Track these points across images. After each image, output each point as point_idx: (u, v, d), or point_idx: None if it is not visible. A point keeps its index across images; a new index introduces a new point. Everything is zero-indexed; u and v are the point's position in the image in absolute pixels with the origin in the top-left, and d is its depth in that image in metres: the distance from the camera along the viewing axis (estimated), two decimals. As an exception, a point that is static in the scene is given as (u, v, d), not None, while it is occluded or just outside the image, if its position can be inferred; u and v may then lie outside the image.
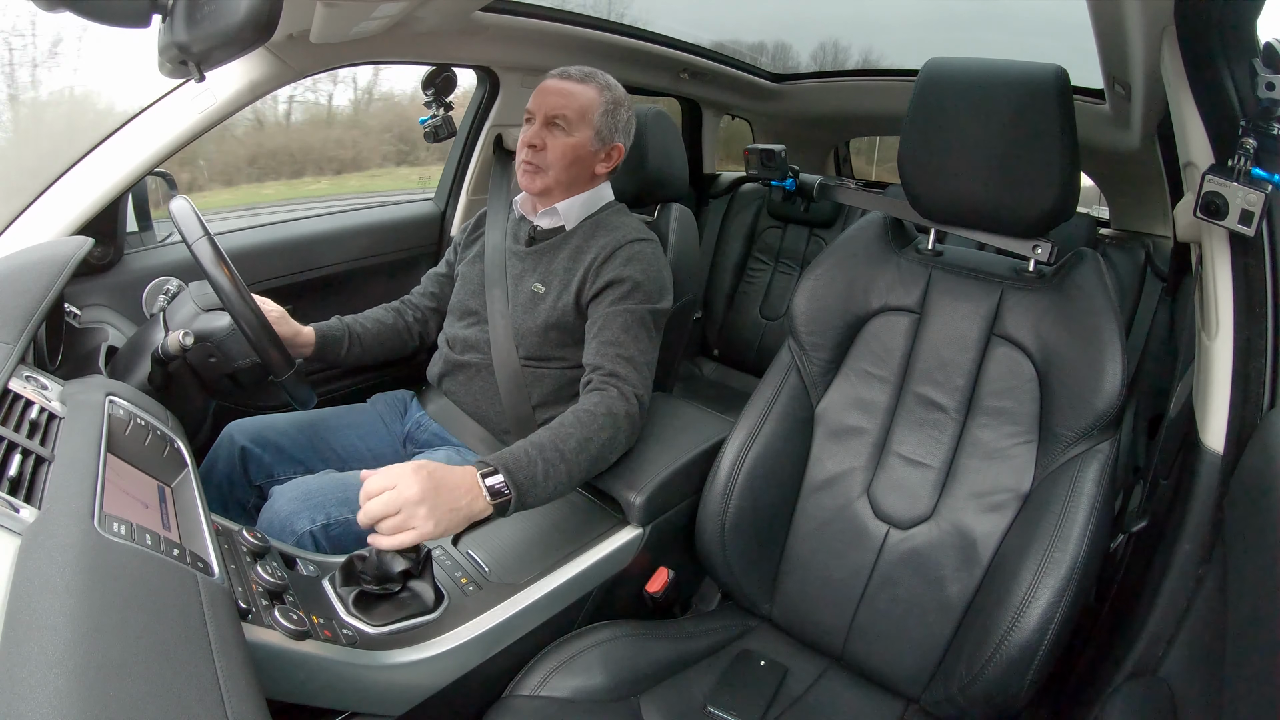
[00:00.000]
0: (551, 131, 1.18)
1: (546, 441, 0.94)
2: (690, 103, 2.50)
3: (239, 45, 0.72)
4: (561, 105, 1.17)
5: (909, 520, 1.01)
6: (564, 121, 1.18)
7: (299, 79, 1.30)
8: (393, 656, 0.79)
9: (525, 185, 1.22)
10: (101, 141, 1.18)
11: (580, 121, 1.18)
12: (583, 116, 1.18)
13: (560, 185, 1.21)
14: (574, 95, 1.18)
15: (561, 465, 0.94)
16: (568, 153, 1.18)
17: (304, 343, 1.20)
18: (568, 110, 1.17)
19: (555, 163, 1.19)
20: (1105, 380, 0.89)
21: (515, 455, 0.91)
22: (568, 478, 0.95)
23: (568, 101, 1.18)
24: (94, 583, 0.48)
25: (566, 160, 1.19)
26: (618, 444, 1.03)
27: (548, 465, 0.92)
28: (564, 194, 1.23)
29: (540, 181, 1.20)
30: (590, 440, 0.98)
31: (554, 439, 0.95)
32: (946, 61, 0.99)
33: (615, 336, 1.10)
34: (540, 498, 0.92)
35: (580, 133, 1.19)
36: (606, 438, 1.00)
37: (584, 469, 0.98)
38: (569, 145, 1.18)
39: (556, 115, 1.17)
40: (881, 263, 1.09)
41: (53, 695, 0.39)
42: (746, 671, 1.00)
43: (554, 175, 1.19)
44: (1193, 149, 0.90)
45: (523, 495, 0.89)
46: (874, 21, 3.18)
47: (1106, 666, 0.96)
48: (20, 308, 0.80)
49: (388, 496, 0.79)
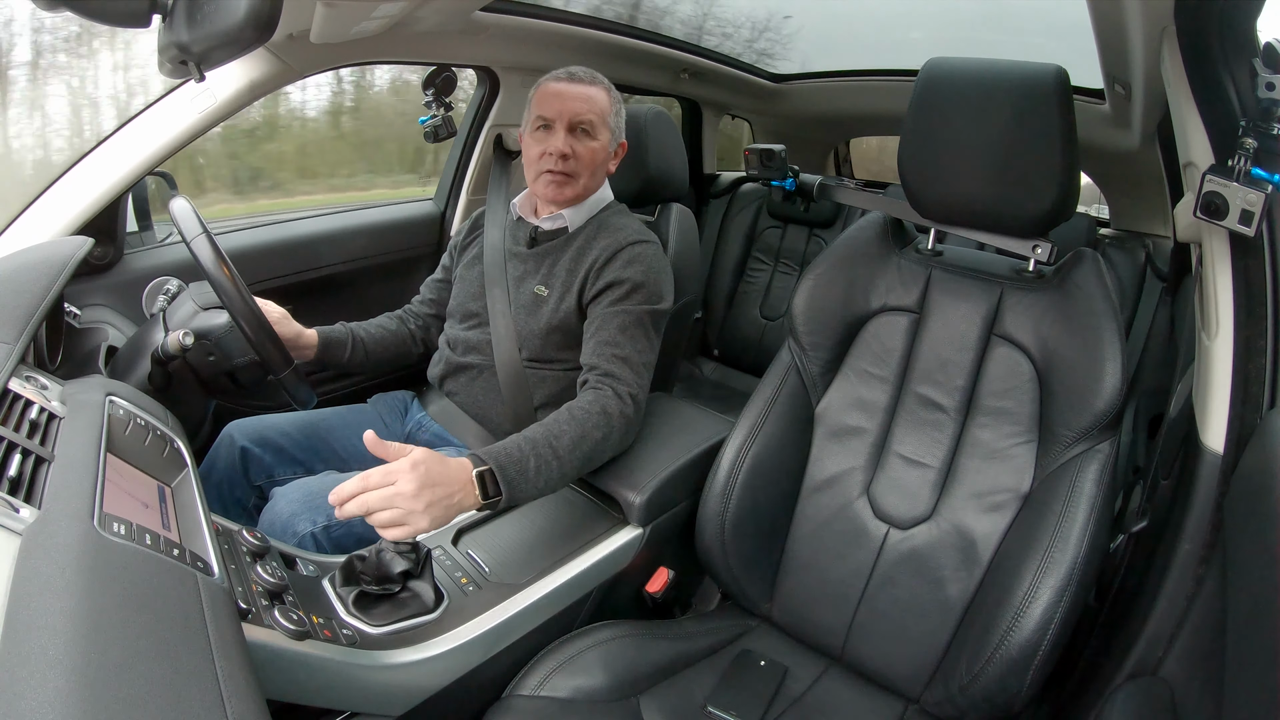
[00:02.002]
0: (579, 138, 1.18)
1: (540, 437, 0.95)
2: (690, 103, 2.50)
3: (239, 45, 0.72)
4: (585, 110, 1.17)
5: (909, 520, 1.01)
6: (590, 127, 1.17)
7: (299, 79, 1.30)
8: (393, 656, 0.79)
9: (552, 195, 1.20)
10: (101, 141, 1.18)
11: (602, 125, 1.19)
12: (603, 119, 1.19)
13: (589, 191, 1.21)
14: (594, 99, 1.18)
15: (554, 462, 0.94)
16: (596, 157, 1.18)
17: (306, 345, 1.20)
18: (592, 115, 1.17)
19: (587, 169, 1.19)
20: (1105, 380, 0.89)
21: (508, 450, 0.91)
22: (559, 475, 0.95)
23: (590, 106, 1.17)
24: (94, 583, 0.48)
25: (594, 165, 1.19)
26: (611, 443, 1.03)
27: (540, 461, 0.92)
28: (585, 198, 1.23)
29: (571, 190, 1.19)
30: (584, 438, 0.98)
31: (548, 435, 0.95)
32: (946, 61, 0.99)
33: (612, 337, 1.10)
34: (530, 494, 0.92)
35: (604, 136, 1.19)
36: (600, 436, 1.00)
37: (576, 466, 0.98)
38: (597, 149, 1.18)
39: (582, 121, 1.17)
40: (881, 263, 1.09)
41: (53, 695, 0.39)
42: (746, 671, 1.00)
43: (584, 182, 1.19)
44: (1193, 149, 0.90)
45: (513, 491, 0.89)
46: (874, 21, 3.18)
47: (1106, 666, 0.96)
48: (20, 308, 0.80)
49: (386, 491, 0.78)
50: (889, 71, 2.38)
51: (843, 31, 2.76)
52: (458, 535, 1.00)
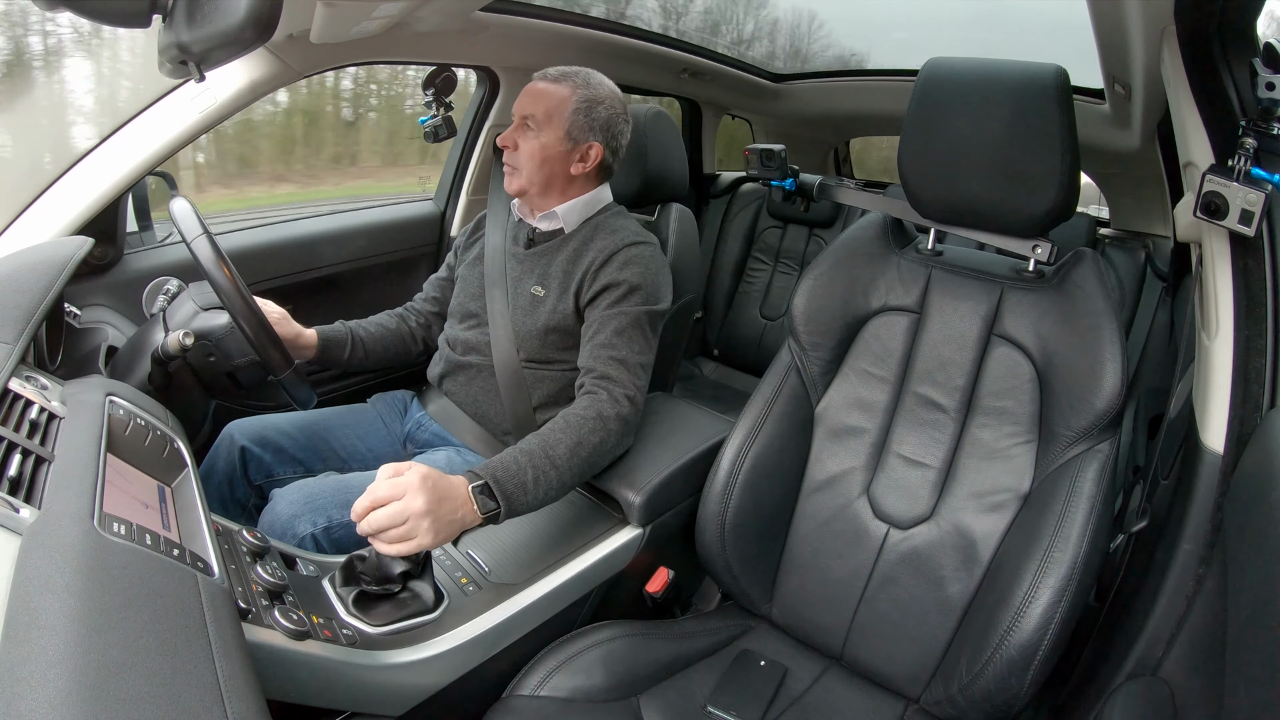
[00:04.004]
0: (522, 133, 1.19)
1: (536, 449, 0.95)
2: (690, 103, 2.50)
3: (239, 45, 0.72)
4: (529, 105, 1.18)
5: (909, 520, 1.01)
6: (532, 121, 1.18)
7: (299, 79, 1.30)
8: (393, 656, 0.79)
9: (505, 186, 1.23)
10: (101, 141, 1.18)
11: (547, 122, 1.18)
12: (550, 117, 1.18)
13: (534, 186, 1.21)
14: (544, 95, 1.18)
15: (552, 472, 0.94)
16: (536, 153, 1.18)
17: (306, 345, 1.20)
18: (535, 110, 1.17)
19: (525, 163, 1.19)
20: (1105, 380, 0.89)
21: (505, 464, 0.91)
22: (559, 484, 0.95)
23: (535, 101, 1.18)
24: (94, 583, 0.48)
25: (536, 161, 1.18)
26: (609, 446, 1.03)
27: (537, 472, 0.92)
28: (540, 195, 1.22)
29: (515, 182, 1.21)
30: (580, 444, 0.98)
31: (543, 445, 0.96)
32: (946, 61, 0.98)
33: (608, 339, 1.10)
34: (531, 504, 0.92)
35: (548, 133, 1.18)
36: (597, 441, 1.00)
37: (575, 473, 0.98)
38: (536, 145, 1.18)
39: (526, 115, 1.18)
40: (881, 263, 1.09)
41: (53, 695, 0.39)
42: (746, 671, 1.00)
43: (526, 176, 1.20)
44: (1193, 149, 0.90)
45: (512, 505, 0.90)
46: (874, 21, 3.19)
47: (1106, 666, 0.96)
48: (20, 308, 0.80)
49: (395, 508, 0.78)
50: (889, 71, 2.38)
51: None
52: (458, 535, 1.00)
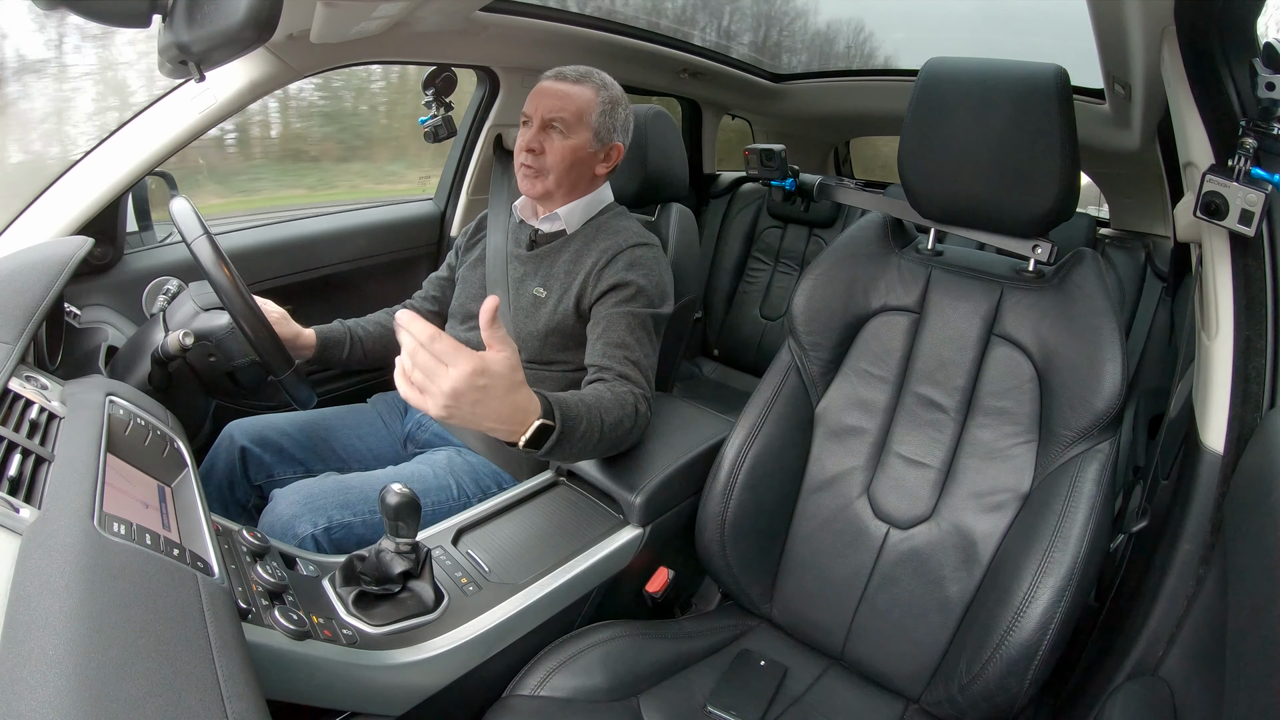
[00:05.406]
0: (549, 134, 1.18)
1: (593, 404, 0.94)
2: (690, 103, 2.50)
3: (239, 45, 0.72)
4: (558, 107, 1.17)
5: (909, 520, 1.01)
6: (561, 124, 1.17)
7: (299, 79, 1.31)
8: (393, 656, 0.79)
9: (525, 189, 1.21)
10: (101, 141, 1.18)
11: (578, 123, 1.18)
12: (580, 118, 1.18)
13: (561, 188, 1.20)
14: (571, 97, 1.18)
15: (596, 434, 0.93)
16: (567, 155, 1.18)
17: (305, 345, 1.20)
18: (565, 112, 1.17)
19: (555, 166, 1.18)
20: (1105, 380, 0.89)
21: (571, 407, 0.88)
22: (592, 448, 0.95)
23: (564, 103, 1.17)
24: (94, 583, 0.48)
25: (566, 163, 1.18)
26: (631, 438, 1.04)
27: (589, 427, 0.91)
28: (565, 197, 1.22)
29: (541, 185, 1.19)
30: (619, 423, 0.98)
31: (598, 406, 0.95)
32: (946, 61, 0.98)
33: (621, 338, 1.09)
34: (564, 456, 0.91)
35: (578, 135, 1.18)
36: (629, 426, 1.01)
37: (606, 447, 0.98)
38: (568, 148, 1.18)
39: (554, 118, 1.17)
40: (881, 262, 1.09)
41: (53, 695, 0.39)
42: (746, 671, 1.00)
43: (554, 178, 1.19)
44: (1193, 149, 0.90)
45: (553, 451, 0.86)
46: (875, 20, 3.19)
47: (1106, 666, 0.96)
48: (20, 308, 0.80)
49: (433, 366, 0.73)
50: (889, 71, 2.38)
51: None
52: (458, 535, 1.00)
